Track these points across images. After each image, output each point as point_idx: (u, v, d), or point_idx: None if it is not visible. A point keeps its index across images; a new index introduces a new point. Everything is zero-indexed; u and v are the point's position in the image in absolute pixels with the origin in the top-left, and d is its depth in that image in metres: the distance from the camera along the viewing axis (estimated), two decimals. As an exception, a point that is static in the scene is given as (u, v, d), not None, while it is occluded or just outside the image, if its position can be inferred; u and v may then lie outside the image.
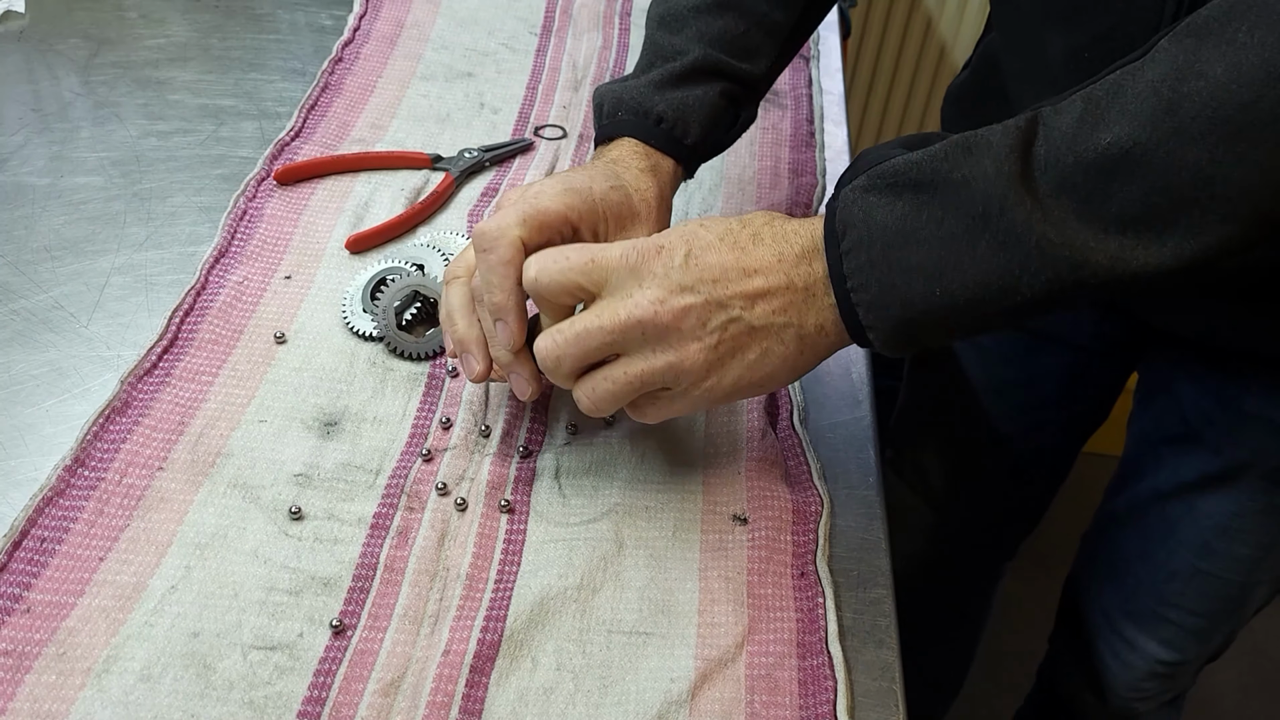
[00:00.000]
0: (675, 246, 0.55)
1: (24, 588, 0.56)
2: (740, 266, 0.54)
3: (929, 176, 0.51)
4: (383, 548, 0.60)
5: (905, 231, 0.51)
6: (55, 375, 0.67)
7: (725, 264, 0.54)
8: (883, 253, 0.52)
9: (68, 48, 0.96)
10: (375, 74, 0.96)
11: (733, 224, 0.56)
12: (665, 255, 0.54)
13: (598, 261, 0.55)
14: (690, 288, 0.54)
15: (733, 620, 0.58)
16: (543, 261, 0.56)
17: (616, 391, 0.57)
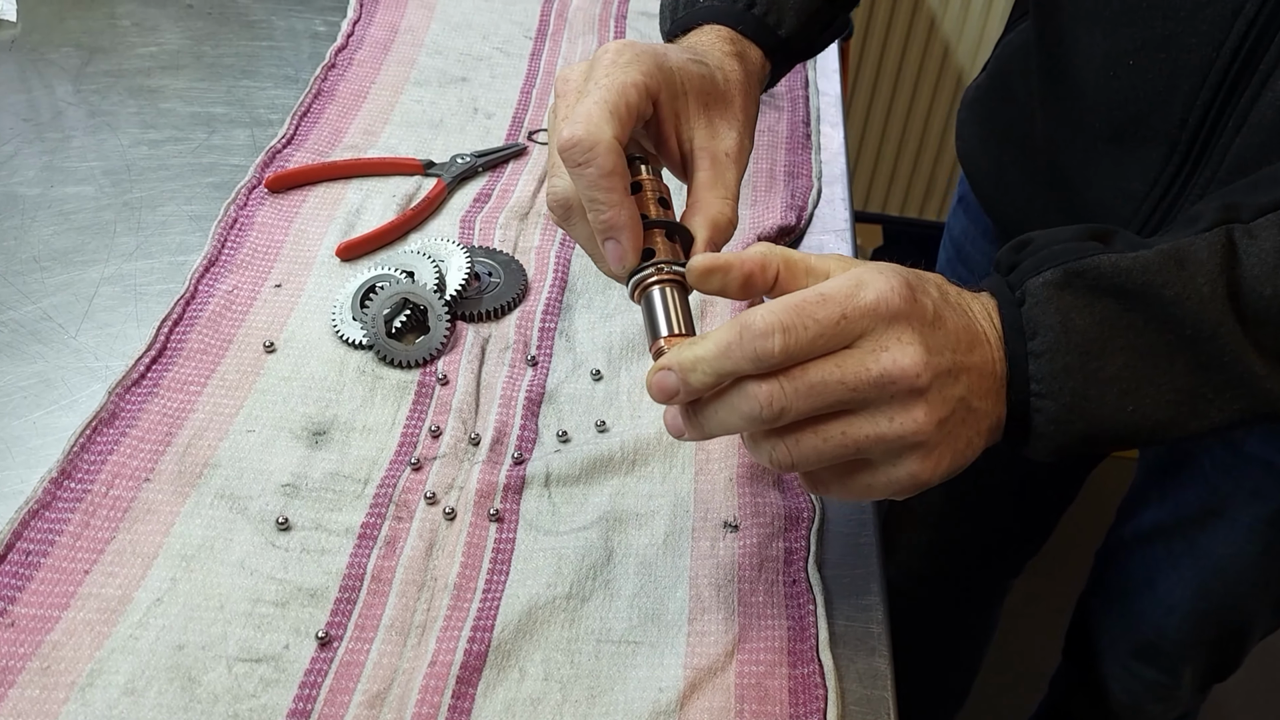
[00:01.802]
0: (924, 294, 0.46)
1: (8, 601, 0.55)
2: (968, 333, 0.47)
3: (1137, 286, 0.47)
4: (370, 558, 0.60)
5: (1103, 340, 0.47)
6: (43, 387, 0.67)
7: (959, 328, 0.47)
8: (1079, 361, 0.47)
9: (60, 56, 0.96)
10: (368, 80, 0.96)
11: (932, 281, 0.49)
12: (920, 303, 0.46)
13: (851, 315, 0.45)
14: (942, 350, 0.46)
15: (723, 629, 0.57)
16: (789, 326, 0.44)
17: (825, 452, 0.46)
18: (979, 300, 0.50)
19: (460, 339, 0.73)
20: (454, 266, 0.75)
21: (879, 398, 0.45)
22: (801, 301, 0.44)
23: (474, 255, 0.77)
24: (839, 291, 0.45)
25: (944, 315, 0.47)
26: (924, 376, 0.45)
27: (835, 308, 0.44)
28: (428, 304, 0.72)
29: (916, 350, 0.45)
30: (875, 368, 0.45)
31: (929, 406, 0.46)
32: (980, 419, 0.48)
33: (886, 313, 0.45)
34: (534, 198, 0.85)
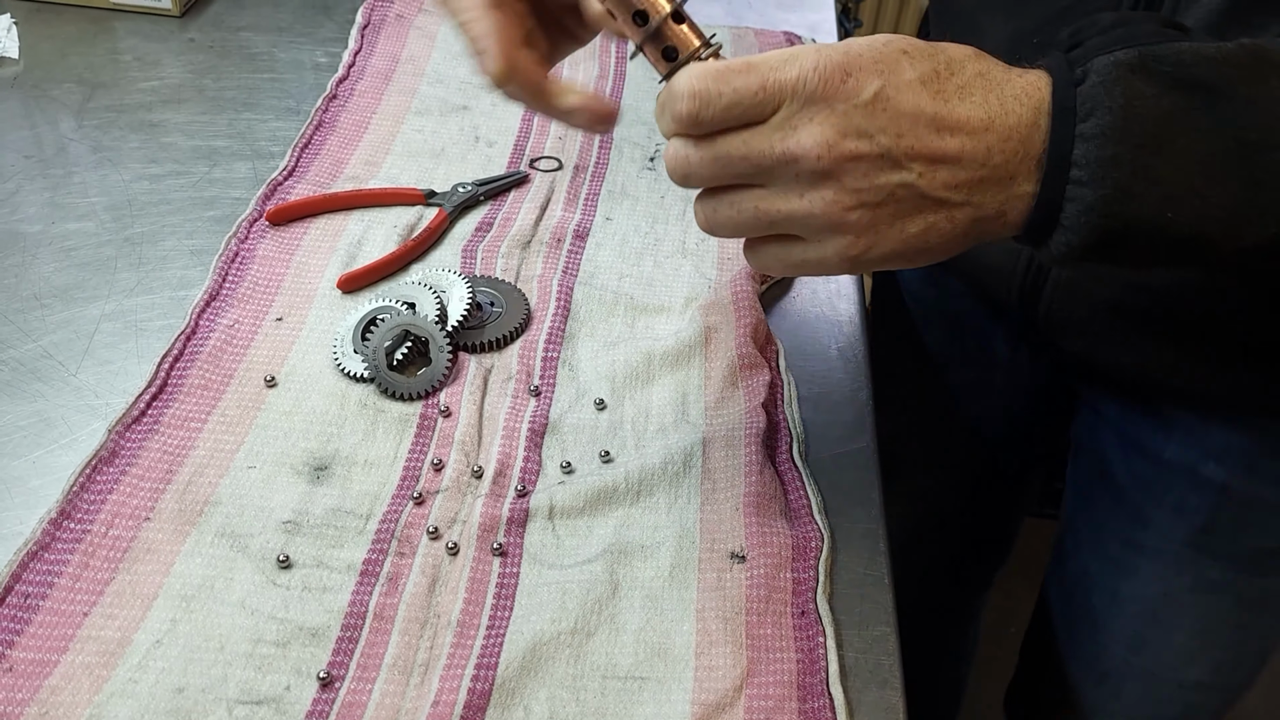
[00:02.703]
0: (866, 77, 0.44)
1: (6, 646, 0.55)
2: (935, 120, 0.45)
3: (1216, 80, 0.44)
4: (372, 595, 0.59)
5: (1165, 136, 0.44)
6: (43, 425, 0.66)
7: (919, 112, 0.45)
8: (1132, 152, 0.44)
9: (62, 92, 0.96)
10: (370, 110, 0.96)
11: (939, 63, 0.46)
12: (851, 87, 0.44)
13: (770, 88, 0.45)
14: (867, 134, 0.45)
15: (731, 663, 0.56)
16: (702, 90, 0.46)
17: (741, 223, 0.48)
18: (1024, 79, 0.47)
19: (463, 370, 0.72)
20: (456, 297, 0.74)
21: (785, 175, 0.46)
22: (726, 68, 0.46)
23: (476, 285, 0.77)
24: (764, 63, 0.45)
25: (895, 96, 0.45)
26: (825, 159, 0.45)
27: (755, 78, 0.45)
28: (429, 335, 0.71)
29: (823, 131, 0.45)
30: (779, 146, 0.45)
31: (839, 188, 0.45)
32: (949, 210, 0.46)
33: (804, 91, 0.45)
34: (536, 226, 0.85)
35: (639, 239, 0.85)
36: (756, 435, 0.67)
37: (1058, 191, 0.45)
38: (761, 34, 1.11)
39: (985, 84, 0.46)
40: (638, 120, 0.98)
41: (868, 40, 0.46)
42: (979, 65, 0.47)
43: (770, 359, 0.74)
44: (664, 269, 0.82)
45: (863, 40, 0.46)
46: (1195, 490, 0.74)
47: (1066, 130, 0.45)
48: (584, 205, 0.88)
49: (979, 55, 0.47)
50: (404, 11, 1.09)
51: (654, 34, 0.51)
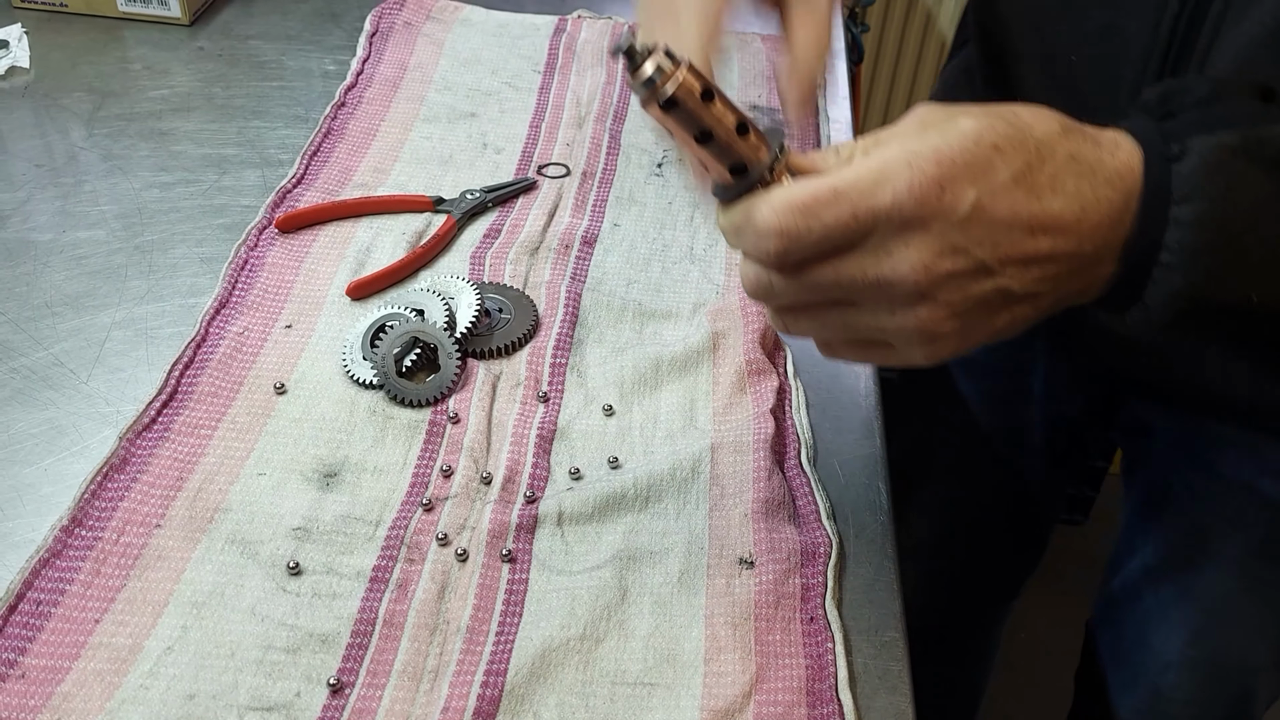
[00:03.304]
0: (961, 188, 0.42)
1: (19, 653, 0.55)
2: (1030, 222, 0.43)
3: None
4: (382, 601, 0.59)
5: (1258, 222, 0.43)
6: (54, 433, 0.67)
7: (1015, 219, 0.43)
8: (1225, 240, 0.43)
9: (72, 101, 0.96)
10: (378, 118, 0.96)
11: (1031, 152, 0.43)
12: (947, 203, 0.42)
13: (862, 218, 0.42)
14: (964, 249, 0.43)
15: (739, 669, 0.56)
16: (790, 228, 0.43)
17: (825, 336, 0.47)
18: (1116, 159, 0.45)
19: (471, 376, 0.72)
20: (464, 303, 0.75)
21: (877, 298, 0.44)
22: (812, 200, 0.42)
23: (484, 291, 0.77)
24: (854, 188, 0.42)
25: (992, 205, 0.42)
26: (924, 282, 0.43)
27: (846, 208, 0.42)
28: (438, 342, 0.72)
29: (920, 255, 0.42)
30: (873, 272, 0.43)
31: (934, 305, 0.44)
32: (1034, 300, 0.45)
33: (899, 218, 0.42)
34: (544, 232, 0.85)
35: (647, 245, 0.85)
36: (765, 441, 0.68)
37: (1144, 273, 0.44)
38: (768, 39, 1.11)
39: (1077, 169, 0.44)
40: (644, 126, 0.98)
41: (959, 137, 0.43)
42: (1069, 145, 0.45)
43: (779, 365, 0.74)
44: (672, 275, 0.82)
45: (954, 137, 0.43)
46: (1253, 505, 0.75)
47: (1159, 213, 0.43)
48: (592, 211, 0.88)
49: (1066, 132, 0.45)
50: (412, 19, 1.10)
51: (722, 150, 0.46)
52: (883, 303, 0.45)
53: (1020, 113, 0.45)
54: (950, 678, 1.21)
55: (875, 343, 0.47)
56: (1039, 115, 0.45)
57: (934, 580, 1.07)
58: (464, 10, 1.13)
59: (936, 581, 1.07)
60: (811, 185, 0.43)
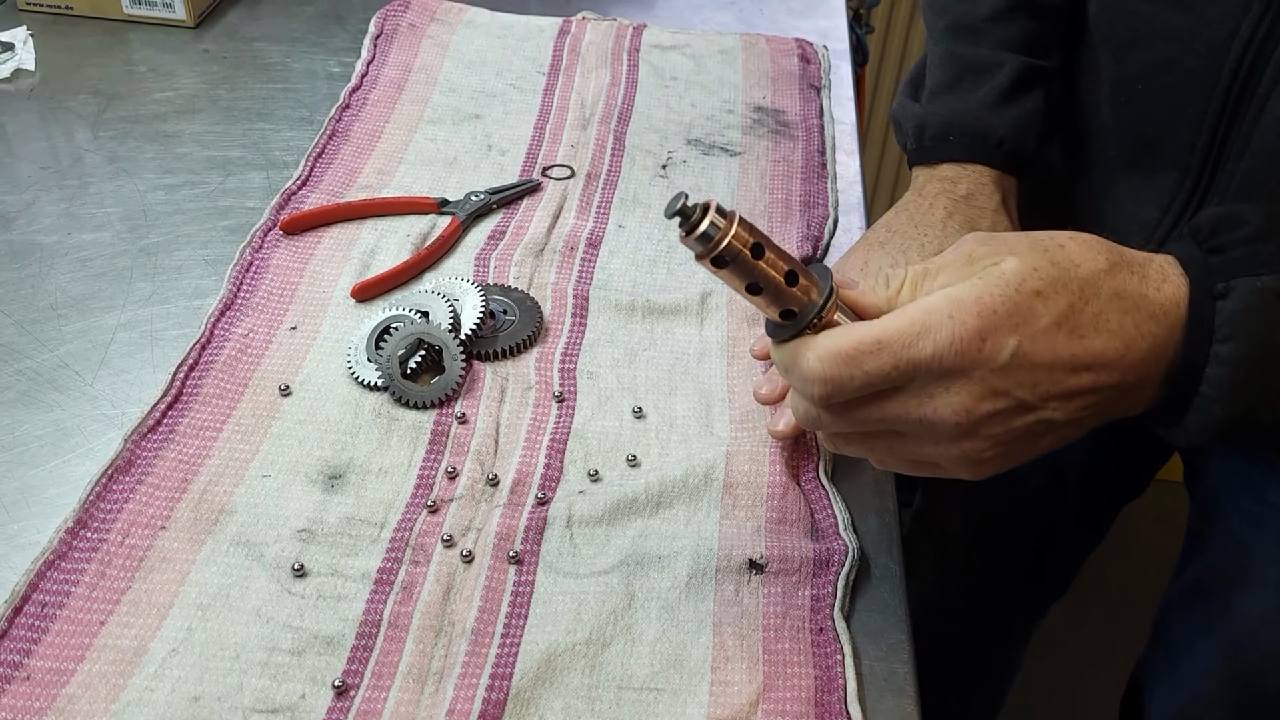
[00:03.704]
0: (1002, 337, 0.44)
1: (24, 654, 0.55)
2: (1072, 362, 0.45)
3: None
4: (387, 603, 0.59)
5: None
6: (59, 435, 0.67)
7: (1056, 361, 0.45)
8: (1265, 378, 0.45)
9: (78, 103, 0.96)
10: (383, 119, 0.96)
11: (1074, 293, 0.45)
12: (988, 353, 0.44)
13: (903, 368, 0.45)
14: (1005, 392, 0.45)
15: (746, 678, 0.56)
16: (835, 376, 0.45)
17: (874, 458, 0.51)
18: (1161, 294, 0.46)
19: (478, 379, 0.72)
20: (468, 305, 0.74)
21: (922, 433, 0.47)
22: (855, 350, 0.45)
23: (488, 293, 0.77)
24: (896, 339, 0.45)
25: (1032, 350, 0.45)
26: (965, 423, 0.45)
27: (887, 359, 0.45)
28: (442, 344, 0.71)
29: (961, 400, 0.45)
30: (915, 413, 0.46)
31: (977, 440, 0.46)
32: (1077, 425, 0.47)
33: (939, 368, 0.45)
34: (549, 233, 0.85)
35: (652, 247, 0.85)
36: (781, 452, 0.67)
37: (1185, 402, 0.47)
38: (773, 40, 1.11)
39: (1121, 306, 0.46)
40: (649, 128, 0.98)
41: (1001, 284, 0.45)
42: (1114, 283, 0.46)
43: None
44: (677, 276, 0.82)
45: (996, 285, 0.45)
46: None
47: (1201, 347, 0.45)
48: (596, 213, 0.88)
49: (1113, 269, 0.46)
50: (416, 21, 1.10)
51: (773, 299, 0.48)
52: (927, 436, 0.47)
53: (1068, 247, 0.47)
54: (966, 689, 1.21)
55: (924, 463, 0.50)
56: (1086, 250, 0.47)
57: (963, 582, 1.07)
58: (468, 12, 1.13)
59: (965, 583, 1.07)
60: (856, 335, 0.45)
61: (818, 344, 0.46)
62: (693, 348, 0.76)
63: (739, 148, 0.96)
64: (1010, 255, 0.46)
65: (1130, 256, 0.48)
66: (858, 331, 0.45)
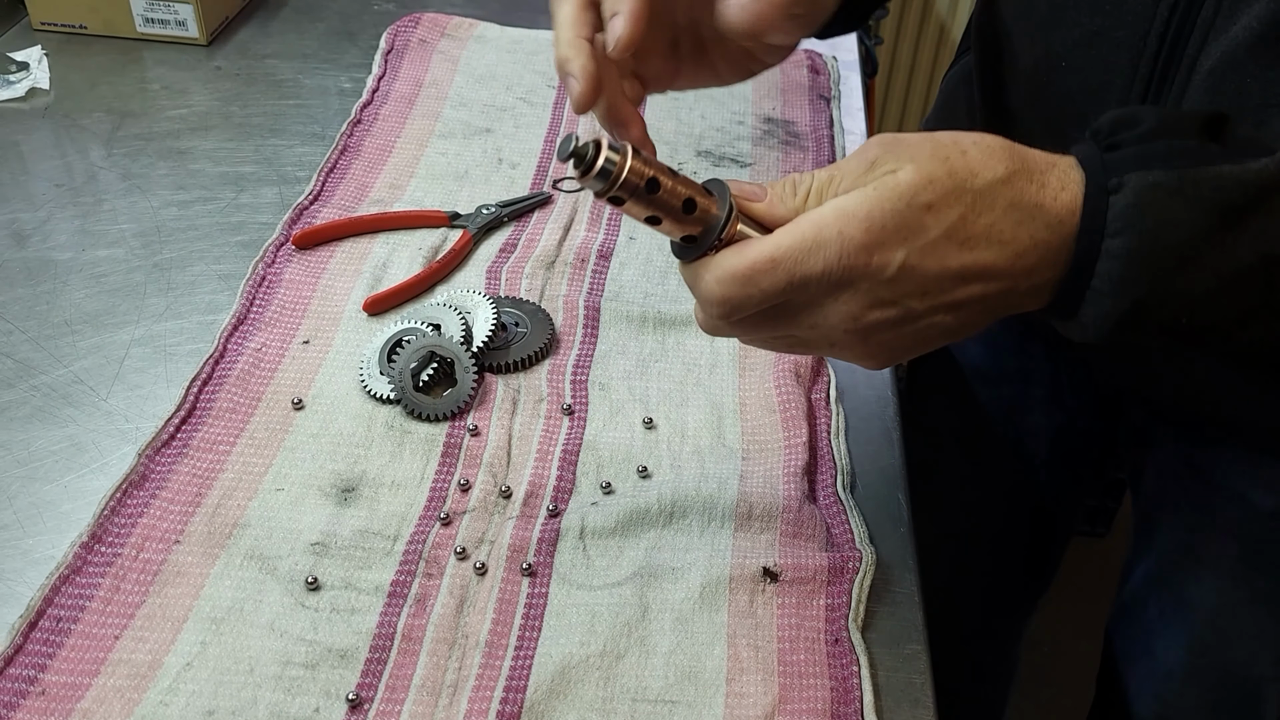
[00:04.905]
0: (890, 251, 0.45)
1: (39, 669, 0.55)
2: (960, 273, 0.46)
3: (1250, 203, 0.45)
4: (400, 616, 0.59)
5: (1190, 256, 0.45)
6: (74, 450, 0.67)
7: (944, 272, 0.46)
8: (1152, 274, 0.45)
9: (92, 121, 0.97)
10: (394, 134, 0.97)
11: (965, 204, 0.45)
12: (875, 266, 0.45)
13: (796, 283, 0.46)
14: (892, 302, 0.46)
15: (762, 690, 0.56)
16: (731, 296, 0.47)
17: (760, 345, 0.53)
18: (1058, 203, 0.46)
19: (490, 391, 0.72)
20: (480, 318, 0.75)
21: (816, 336, 0.49)
22: (750, 270, 0.46)
23: (500, 305, 0.77)
24: (788, 256, 0.46)
25: (919, 264, 0.45)
26: (855, 330, 0.47)
27: (782, 276, 0.46)
28: (454, 356, 0.72)
29: (849, 309, 0.47)
30: (808, 322, 0.48)
31: (867, 343, 0.48)
32: (968, 327, 0.49)
33: (828, 283, 0.46)
34: (560, 246, 0.85)
35: (662, 258, 0.85)
36: (796, 472, 0.67)
37: (1077, 295, 0.47)
38: (782, 52, 1.11)
39: (1016, 217, 0.46)
40: (659, 140, 0.98)
41: (893, 196, 0.45)
42: (1010, 193, 0.46)
43: (819, 390, 0.74)
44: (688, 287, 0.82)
45: (886, 199, 0.45)
46: (1245, 515, 0.75)
47: (1094, 242, 0.46)
48: (607, 225, 0.88)
49: (1011, 177, 0.46)
50: (427, 37, 1.10)
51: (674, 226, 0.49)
52: (822, 341, 0.50)
53: (969, 154, 0.46)
54: (968, 695, 1.20)
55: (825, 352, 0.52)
56: (986, 158, 0.46)
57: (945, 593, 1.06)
58: (478, 27, 1.14)
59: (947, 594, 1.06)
60: (751, 255, 0.46)
61: (716, 265, 0.47)
62: (704, 359, 0.76)
63: (750, 159, 0.96)
64: (909, 163, 0.46)
65: (1032, 163, 0.47)
66: (752, 251, 0.46)
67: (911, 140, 0.47)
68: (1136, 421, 0.85)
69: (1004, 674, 1.20)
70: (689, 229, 0.48)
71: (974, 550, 1.04)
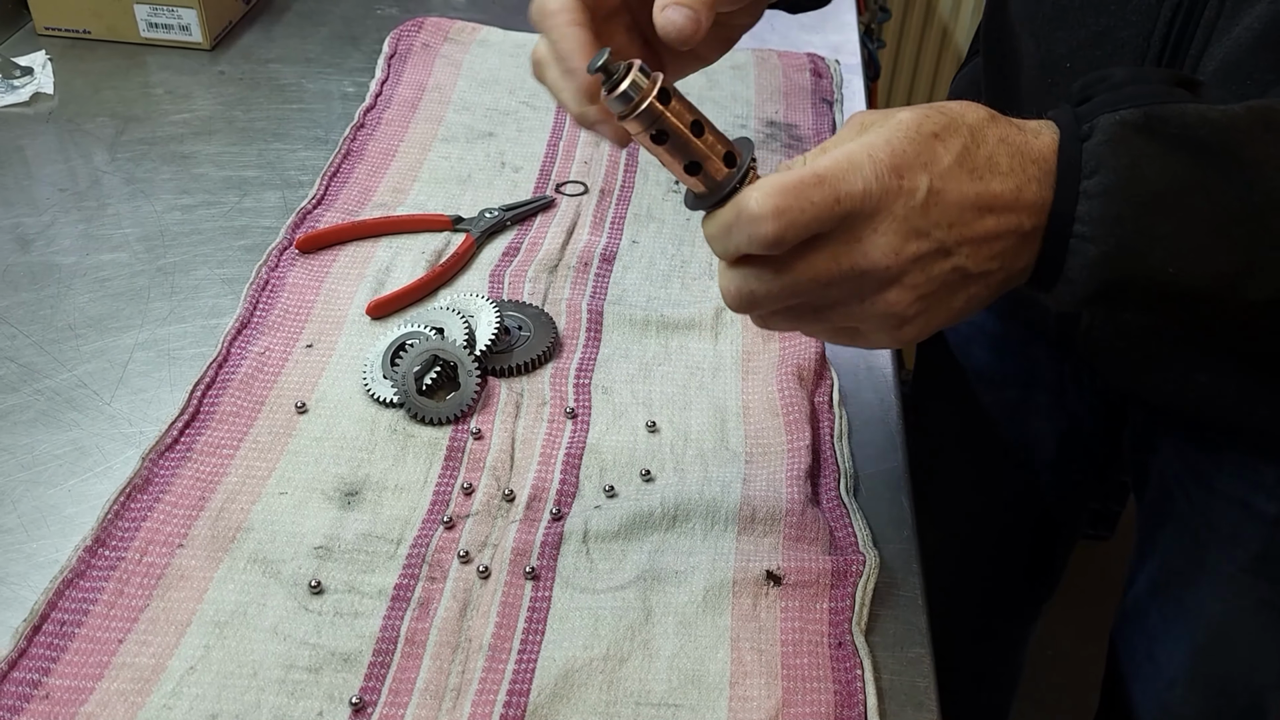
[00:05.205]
0: (915, 177, 0.46)
1: (43, 673, 0.55)
2: (977, 202, 0.47)
3: (1220, 142, 0.45)
4: (404, 620, 0.59)
5: (1169, 196, 0.45)
6: (78, 454, 0.67)
7: (965, 201, 0.46)
8: (1135, 210, 0.45)
9: (95, 126, 0.97)
10: (397, 138, 0.97)
11: (965, 135, 0.47)
12: (907, 188, 0.45)
13: (844, 202, 0.45)
14: (925, 232, 0.46)
15: (765, 694, 0.55)
16: (786, 208, 0.45)
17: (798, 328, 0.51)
18: (1039, 141, 0.48)
19: (493, 394, 0.72)
20: (483, 321, 0.75)
21: (851, 288, 0.47)
22: (799, 183, 0.45)
23: (503, 309, 0.77)
24: (831, 173, 0.45)
25: (944, 188, 0.46)
26: (894, 267, 0.46)
27: (830, 190, 0.45)
28: (457, 360, 0.72)
29: (890, 240, 0.45)
30: (847, 262, 0.46)
31: (901, 288, 0.47)
32: (986, 279, 0.48)
33: (869, 206, 0.45)
34: (563, 250, 0.85)
35: (666, 261, 0.85)
36: (799, 476, 0.67)
37: (1061, 246, 0.47)
38: (785, 55, 1.11)
39: (1008, 150, 0.47)
40: (663, 144, 0.98)
41: (901, 129, 0.46)
42: (998, 130, 0.48)
43: (822, 394, 0.73)
44: (692, 291, 0.82)
45: (896, 130, 0.46)
46: (1249, 521, 0.74)
47: (1071, 187, 0.46)
48: (610, 229, 0.88)
49: (994, 118, 0.48)
50: (430, 41, 1.11)
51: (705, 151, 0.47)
52: (854, 292, 0.47)
53: (949, 104, 0.48)
54: (972, 699, 1.20)
55: (845, 330, 0.51)
56: (967, 105, 0.48)
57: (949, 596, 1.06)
58: (481, 31, 1.14)
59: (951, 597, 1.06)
60: (795, 173, 0.45)
61: (761, 184, 0.45)
62: (707, 362, 0.76)
63: (752, 162, 0.96)
64: (901, 111, 0.47)
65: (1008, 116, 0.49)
66: (796, 171, 0.46)
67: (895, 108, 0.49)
68: (1140, 426, 0.85)
69: (1008, 677, 1.20)
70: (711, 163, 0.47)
71: (978, 553, 1.04)
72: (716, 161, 0.47)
